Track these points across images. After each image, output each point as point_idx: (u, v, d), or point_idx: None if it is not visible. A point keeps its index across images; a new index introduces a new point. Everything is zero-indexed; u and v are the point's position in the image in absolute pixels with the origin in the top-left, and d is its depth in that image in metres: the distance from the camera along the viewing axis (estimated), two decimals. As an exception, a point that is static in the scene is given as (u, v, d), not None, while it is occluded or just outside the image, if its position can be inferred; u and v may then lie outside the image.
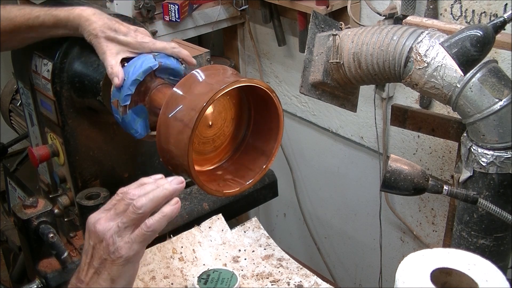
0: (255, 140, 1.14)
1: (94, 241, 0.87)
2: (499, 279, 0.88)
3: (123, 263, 0.85)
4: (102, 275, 0.86)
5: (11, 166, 1.82)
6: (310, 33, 1.43)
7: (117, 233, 0.85)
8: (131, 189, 0.88)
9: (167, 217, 0.87)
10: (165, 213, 0.87)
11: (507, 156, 1.18)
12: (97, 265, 0.86)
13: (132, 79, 1.07)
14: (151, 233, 0.86)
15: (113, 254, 0.85)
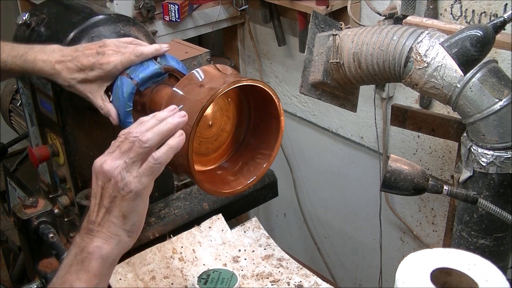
0: (255, 140, 1.14)
1: (103, 181, 0.87)
2: (499, 279, 0.88)
3: (133, 198, 0.86)
4: (113, 212, 0.87)
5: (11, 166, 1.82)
6: (310, 33, 1.43)
7: (125, 169, 0.86)
8: (132, 128, 0.89)
9: (173, 149, 0.88)
10: (171, 145, 0.88)
11: (507, 156, 1.18)
12: (108, 204, 0.87)
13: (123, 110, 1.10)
14: (158, 166, 0.87)
15: (123, 190, 0.86)
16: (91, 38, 1.23)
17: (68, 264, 0.86)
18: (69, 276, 0.85)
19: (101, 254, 0.86)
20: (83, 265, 0.85)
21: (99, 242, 0.86)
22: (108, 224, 0.87)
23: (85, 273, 0.85)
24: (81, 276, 0.85)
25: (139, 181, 0.86)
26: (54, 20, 1.31)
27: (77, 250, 0.87)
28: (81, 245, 0.87)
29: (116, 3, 1.88)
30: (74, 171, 1.35)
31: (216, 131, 1.11)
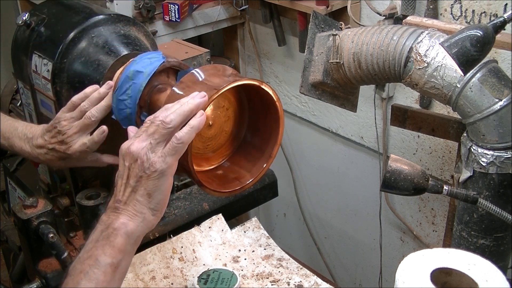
0: (255, 139, 1.14)
1: (129, 162, 0.92)
2: (499, 279, 0.88)
3: (158, 177, 0.91)
4: (139, 191, 0.91)
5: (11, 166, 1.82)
6: (310, 33, 1.43)
7: (150, 150, 0.91)
8: (157, 113, 0.94)
9: (195, 129, 0.93)
10: (192, 125, 0.93)
11: (507, 156, 1.18)
12: (134, 184, 0.92)
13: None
14: (181, 145, 0.92)
15: (148, 169, 0.91)
16: (91, 38, 1.23)
17: (94, 240, 0.91)
18: (95, 251, 0.89)
19: (126, 230, 0.91)
20: (108, 240, 0.90)
21: (125, 219, 0.91)
22: (134, 203, 0.92)
23: (111, 248, 0.89)
24: (107, 250, 0.89)
25: (164, 160, 0.91)
26: (54, 20, 1.31)
27: (103, 227, 0.91)
28: (107, 222, 0.92)
29: (116, 3, 1.88)
30: (74, 171, 1.35)
31: (216, 131, 1.11)
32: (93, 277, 0.87)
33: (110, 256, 0.89)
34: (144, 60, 1.12)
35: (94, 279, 0.87)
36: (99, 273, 0.88)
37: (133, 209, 0.92)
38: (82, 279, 0.87)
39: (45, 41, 1.29)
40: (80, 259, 0.90)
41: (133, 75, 1.10)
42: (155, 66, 1.10)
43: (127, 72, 1.11)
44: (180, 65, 1.14)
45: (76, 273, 0.88)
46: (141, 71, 1.10)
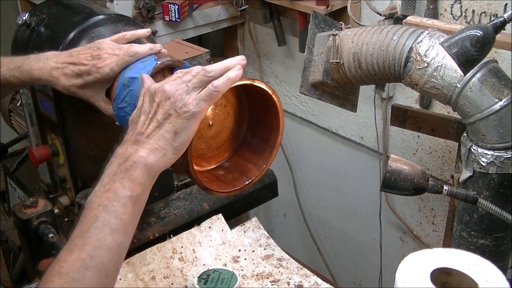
0: (255, 139, 1.14)
1: (160, 99, 0.93)
2: (499, 279, 0.88)
3: (189, 117, 0.91)
4: (165, 127, 0.91)
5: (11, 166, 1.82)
6: (310, 33, 1.43)
7: (185, 92, 0.92)
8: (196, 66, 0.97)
9: (231, 81, 0.95)
10: (229, 76, 0.94)
11: (507, 156, 1.18)
12: (161, 120, 0.92)
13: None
14: (216, 93, 0.93)
15: (180, 108, 0.91)
16: (91, 38, 1.23)
17: (111, 173, 0.89)
18: (112, 184, 0.88)
19: (146, 163, 0.89)
20: (127, 173, 0.88)
21: (144, 152, 0.90)
22: (158, 137, 0.91)
23: (130, 181, 0.88)
24: (125, 183, 0.88)
25: (197, 103, 0.92)
26: (54, 20, 1.31)
27: (121, 160, 0.90)
28: (125, 155, 0.90)
29: (116, 3, 1.88)
30: (74, 171, 1.35)
31: (216, 130, 1.11)
32: (112, 210, 0.85)
33: (130, 189, 0.87)
34: (137, 65, 1.12)
35: (114, 211, 0.85)
36: (119, 205, 0.86)
37: (156, 143, 0.91)
38: (101, 212, 0.85)
39: (45, 41, 1.29)
40: (97, 193, 0.88)
41: (128, 82, 1.10)
42: (149, 70, 1.09)
43: (123, 79, 1.11)
44: (174, 62, 1.14)
45: (94, 207, 0.86)
46: (136, 77, 1.09)
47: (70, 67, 1.13)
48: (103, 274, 0.83)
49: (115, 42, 1.16)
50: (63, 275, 0.80)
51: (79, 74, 1.13)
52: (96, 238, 0.84)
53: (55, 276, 0.81)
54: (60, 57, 1.15)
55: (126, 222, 0.86)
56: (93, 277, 0.81)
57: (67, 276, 0.80)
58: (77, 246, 0.83)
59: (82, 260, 0.82)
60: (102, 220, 0.85)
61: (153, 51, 1.14)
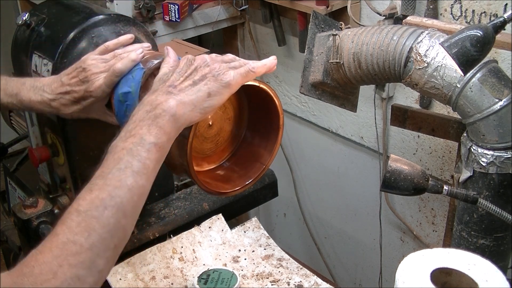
0: (255, 140, 1.14)
1: (198, 64, 0.95)
2: (499, 279, 0.88)
3: (225, 85, 0.94)
4: (200, 86, 0.93)
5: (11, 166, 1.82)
6: (310, 33, 1.43)
7: (224, 64, 0.96)
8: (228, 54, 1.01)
9: (266, 67, 1.01)
10: (265, 63, 1.01)
11: (507, 156, 1.18)
12: (198, 80, 0.93)
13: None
14: (253, 73, 0.97)
15: (219, 75, 0.94)
16: (91, 38, 1.23)
17: (138, 119, 0.89)
18: (139, 130, 0.88)
19: (175, 113, 0.90)
20: (155, 121, 0.88)
21: (174, 102, 0.90)
22: (191, 93, 0.92)
23: (157, 128, 0.88)
24: (152, 130, 0.87)
25: (234, 76, 0.95)
26: (54, 20, 1.31)
27: (149, 107, 0.90)
28: (155, 103, 0.90)
29: (116, 3, 1.88)
30: (74, 171, 1.35)
31: (216, 131, 1.11)
32: (136, 153, 0.85)
33: (156, 136, 0.87)
34: (127, 78, 1.12)
35: (137, 155, 0.85)
36: (143, 150, 0.86)
37: (187, 97, 0.91)
38: (125, 155, 0.85)
39: (45, 41, 1.29)
40: (122, 138, 0.88)
41: (123, 97, 1.10)
42: (138, 80, 1.09)
43: (117, 96, 1.11)
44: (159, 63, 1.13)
45: (117, 150, 0.86)
46: (129, 91, 1.09)
47: (66, 96, 1.15)
48: (121, 214, 0.83)
49: (99, 54, 1.17)
50: (81, 212, 0.81)
51: (76, 101, 1.15)
52: (117, 179, 0.84)
53: (73, 214, 0.81)
54: (53, 87, 1.17)
55: (149, 167, 0.86)
56: (111, 216, 0.82)
57: (85, 214, 0.81)
58: (97, 185, 0.84)
59: (102, 199, 0.82)
60: (125, 162, 0.85)
61: (136, 60, 1.13)
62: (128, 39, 1.21)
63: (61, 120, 1.30)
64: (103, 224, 0.81)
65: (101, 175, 0.85)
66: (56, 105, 1.16)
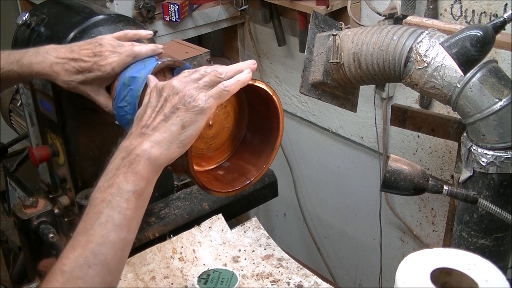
0: (255, 139, 1.14)
1: (168, 93, 0.92)
2: (499, 279, 0.88)
3: (197, 112, 0.91)
4: (172, 120, 0.90)
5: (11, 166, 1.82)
6: (310, 33, 1.43)
7: (195, 88, 0.92)
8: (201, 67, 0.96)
9: (241, 83, 0.95)
10: (239, 78, 0.95)
11: (507, 156, 1.18)
12: (169, 113, 0.91)
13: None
14: (226, 93, 0.93)
15: (189, 103, 0.90)
16: (91, 38, 1.23)
17: (115, 168, 0.88)
18: (116, 179, 0.86)
19: (150, 156, 0.88)
20: (131, 167, 0.87)
21: (148, 145, 0.89)
22: (164, 130, 0.90)
23: (133, 174, 0.87)
24: (129, 177, 0.86)
25: (207, 100, 0.91)
26: (54, 20, 1.31)
27: (124, 153, 0.89)
28: (129, 148, 0.89)
29: (116, 3, 1.88)
30: (74, 171, 1.35)
31: (216, 130, 1.11)
32: (116, 205, 0.84)
33: (133, 183, 0.86)
34: (138, 64, 1.12)
35: (117, 206, 0.84)
36: (122, 200, 0.85)
37: (161, 135, 0.89)
38: (105, 207, 0.84)
39: (45, 41, 1.28)
40: (100, 189, 0.87)
41: (129, 81, 1.10)
42: (149, 69, 1.10)
43: (123, 79, 1.11)
44: (174, 63, 1.14)
45: (97, 203, 0.85)
46: (136, 76, 1.09)
47: (71, 63, 1.13)
48: (105, 272, 0.82)
49: (116, 39, 1.16)
50: (65, 273, 0.80)
51: (80, 70, 1.12)
52: (99, 235, 0.83)
53: (58, 274, 0.80)
54: (60, 52, 1.14)
55: (130, 218, 0.85)
56: (96, 275, 0.81)
57: (69, 274, 0.80)
58: (80, 243, 0.83)
59: (85, 258, 0.81)
60: (105, 216, 0.84)
61: (155, 52, 1.14)
62: (147, 34, 1.20)
63: (61, 120, 1.30)
64: (89, 283, 0.80)
65: (83, 231, 0.84)
66: (58, 69, 1.13)
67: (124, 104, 1.10)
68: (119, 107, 1.10)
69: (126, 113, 1.09)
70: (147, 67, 1.10)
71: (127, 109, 1.09)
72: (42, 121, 1.39)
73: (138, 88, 1.08)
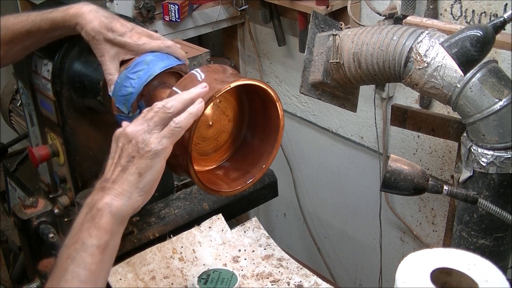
0: (255, 139, 1.14)
1: (123, 142, 0.93)
2: (499, 279, 0.88)
3: (152, 157, 0.90)
4: (129, 170, 0.91)
5: (11, 166, 1.82)
6: (310, 33, 1.43)
7: (147, 131, 0.91)
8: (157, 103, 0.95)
9: (193, 115, 0.93)
10: (190, 111, 0.93)
11: (507, 156, 1.18)
12: (125, 163, 0.91)
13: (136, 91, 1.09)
14: (179, 129, 0.92)
15: (142, 149, 0.90)
16: None
17: (79, 223, 0.89)
18: (80, 234, 0.88)
19: (111, 210, 0.89)
20: (93, 222, 0.88)
21: (109, 198, 0.90)
22: (122, 181, 0.91)
23: (96, 229, 0.88)
24: (92, 232, 0.87)
25: (159, 141, 0.91)
26: (54, 20, 1.31)
27: (87, 209, 0.90)
28: (91, 203, 0.90)
29: (116, 3, 1.88)
30: (74, 171, 1.35)
31: (216, 130, 1.11)
32: (81, 261, 0.85)
33: (96, 237, 0.87)
34: (162, 54, 1.13)
35: (82, 262, 0.85)
36: (86, 256, 0.86)
37: (120, 187, 0.90)
38: (70, 264, 0.85)
39: (45, 41, 1.28)
40: (67, 245, 0.88)
41: (150, 61, 1.11)
42: (173, 63, 1.11)
43: (145, 57, 1.11)
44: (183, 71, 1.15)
45: (63, 259, 0.86)
46: (159, 60, 1.11)
47: (109, 19, 1.13)
48: None
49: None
50: None
51: (113, 30, 1.12)
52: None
53: None
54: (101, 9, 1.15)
55: (96, 272, 0.87)
56: None
57: None
58: None
59: None
60: (71, 272, 0.85)
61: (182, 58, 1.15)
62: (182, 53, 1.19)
63: (61, 120, 1.30)
64: None
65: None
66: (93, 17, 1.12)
67: (133, 77, 1.09)
68: (127, 76, 1.10)
69: (130, 86, 1.09)
70: (172, 61, 1.12)
71: (134, 82, 1.09)
72: (42, 121, 1.39)
73: (155, 69, 1.09)
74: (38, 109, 1.39)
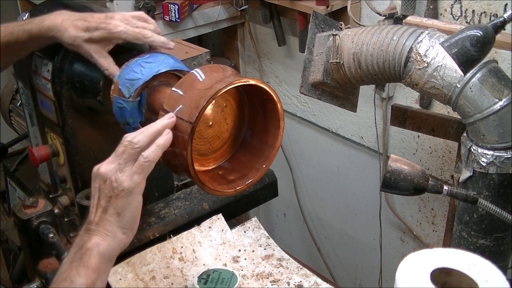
0: (255, 139, 1.14)
1: (99, 183, 0.95)
2: (499, 279, 0.88)
3: (126, 195, 0.93)
4: (109, 211, 0.93)
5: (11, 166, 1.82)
6: (310, 33, 1.43)
7: (118, 170, 0.93)
8: (128, 135, 0.96)
9: (161, 147, 0.95)
10: (158, 144, 0.95)
11: (507, 156, 1.18)
12: (104, 204, 0.94)
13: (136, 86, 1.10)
14: (148, 163, 0.94)
15: (116, 188, 0.92)
16: None
17: (68, 262, 0.92)
18: (69, 272, 0.91)
19: (99, 250, 0.92)
20: (82, 261, 0.91)
21: (96, 239, 0.93)
22: (105, 223, 0.93)
23: (84, 268, 0.91)
24: (81, 271, 0.91)
25: (131, 179, 0.93)
26: (54, 20, 1.31)
27: (76, 248, 0.93)
28: (80, 243, 0.93)
29: (116, 3, 1.88)
30: (74, 171, 1.35)
31: (216, 131, 1.11)
32: None
33: (85, 276, 0.91)
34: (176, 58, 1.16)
35: None
36: None
37: (104, 229, 0.93)
38: None
39: (45, 41, 1.28)
40: (56, 282, 0.92)
41: (164, 58, 1.13)
42: (184, 68, 1.13)
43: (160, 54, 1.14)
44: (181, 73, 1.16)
45: None
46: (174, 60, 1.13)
47: (81, 20, 1.15)
48: None
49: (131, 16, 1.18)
50: None
51: (88, 28, 1.14)
52: None
53: None
54: (74, 14, 1.17)
55: None
56: None
57: None
58: None
59: None
60: None
61: (165, 45, 1.16)
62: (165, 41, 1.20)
63: (61, 120, 1.30)
64: None
65: None
66: (67, 24, 1.15)
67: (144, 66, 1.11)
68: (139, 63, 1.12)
69: (140, 73, 1.10)
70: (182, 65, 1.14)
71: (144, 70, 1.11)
72: (42, 121, 1.39)
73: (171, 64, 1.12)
74: (38, 109, 1.39)
